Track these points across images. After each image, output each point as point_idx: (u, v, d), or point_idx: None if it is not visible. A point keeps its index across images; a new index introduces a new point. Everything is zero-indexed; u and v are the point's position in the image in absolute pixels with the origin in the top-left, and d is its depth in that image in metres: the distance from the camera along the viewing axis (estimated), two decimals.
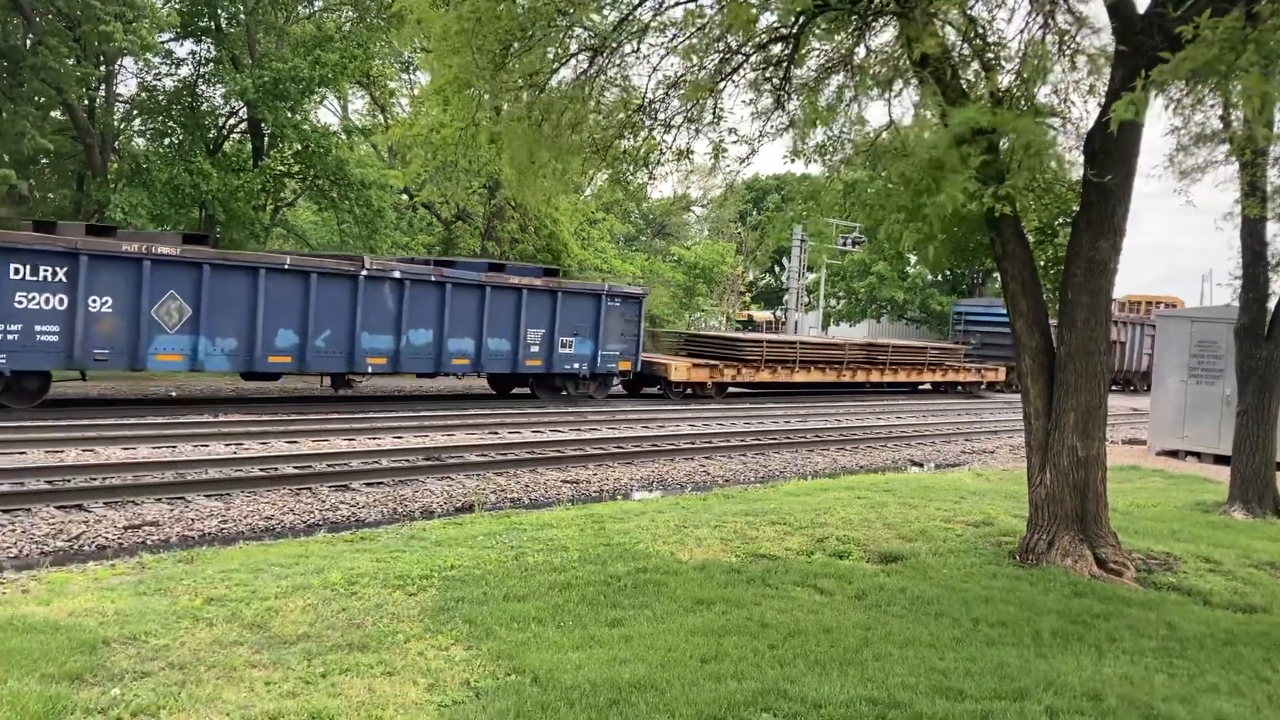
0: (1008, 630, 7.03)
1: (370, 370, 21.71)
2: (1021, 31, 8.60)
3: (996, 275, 10.52)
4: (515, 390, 26.54)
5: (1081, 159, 8.84)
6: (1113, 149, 8.47)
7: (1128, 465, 17.68)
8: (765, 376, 30.74)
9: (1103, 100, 8.66)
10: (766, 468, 17.30)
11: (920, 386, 38.11)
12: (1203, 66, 6.41)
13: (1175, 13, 6.80)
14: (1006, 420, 27.57)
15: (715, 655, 6.18)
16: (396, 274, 21.74)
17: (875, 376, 34.62)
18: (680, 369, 28.51)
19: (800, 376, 31.84)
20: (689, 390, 28.95)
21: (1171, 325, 20.69)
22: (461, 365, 23.39)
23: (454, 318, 22.73)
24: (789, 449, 19.36)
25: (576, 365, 25.37)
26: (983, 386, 39.43)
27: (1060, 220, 9.83)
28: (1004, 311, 34.15)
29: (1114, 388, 43.82)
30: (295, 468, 13.71)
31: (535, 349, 24.42)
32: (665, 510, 11.17)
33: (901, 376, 35.80)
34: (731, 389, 31.10)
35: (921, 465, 19.00)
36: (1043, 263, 9.88)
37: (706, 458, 17.49)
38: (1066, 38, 8.50)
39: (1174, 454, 19.71)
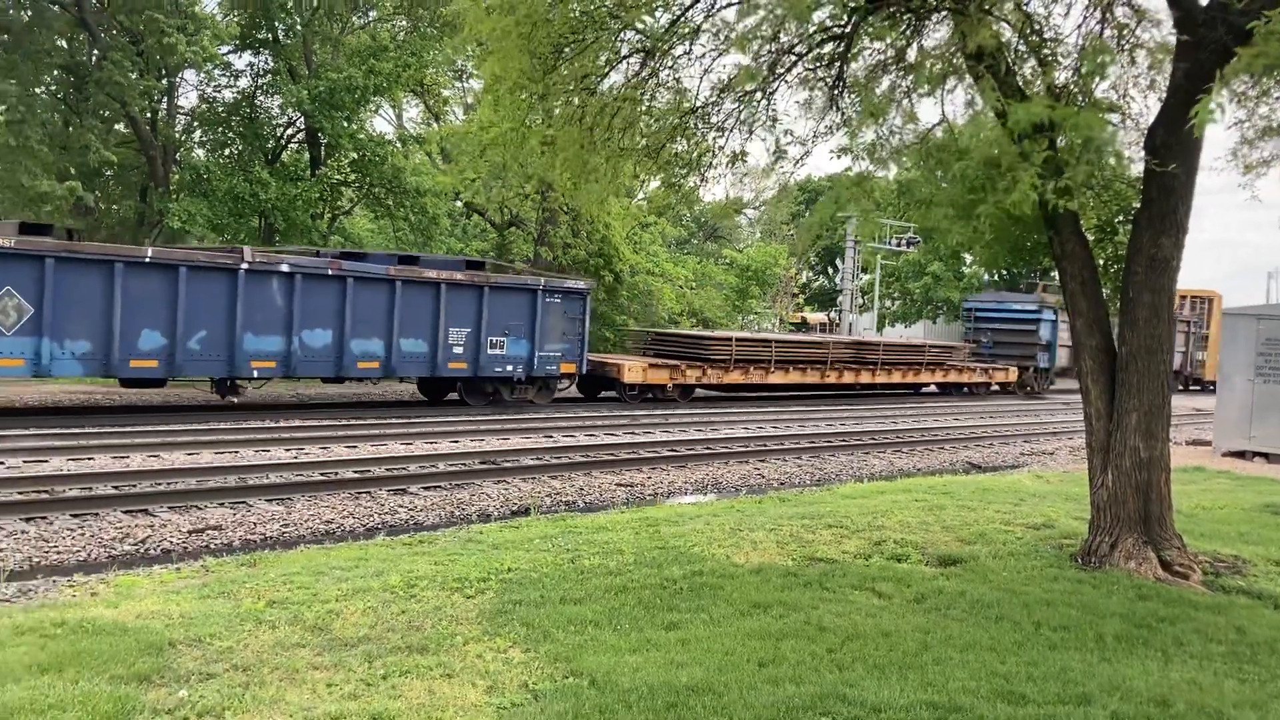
0: (1070, 634, 6.92)
1: (256, 375, 19.51)
2: (1079, 27, 8.48)
3: (1055, 274, 10.37)
4: (473, 397, 23.67)
5: (1141, 155, 8.69)
6: (1174, 144, 8.31)
7: (1192, 466, 17.32)
8: (735, 378, 28.31)
9: (1164, 95, 8.51)
10: (822, 470, 17.20)
11: (924, 388, 35.87)
12: (1275, 61, 6.27)
13: (1240, 4, 6.65)
14: (1066, 421, 27.16)
15: (773, 659, 6.16)
16: (284, 268, 19.51)
17: (865, 378, 32.18)
18: (634, 370, 25.99)
19: (777, 378, 29.45)
20: (649, 394, 26.56)
21: (1238, 323, 20.23)
22: (369, 369, 21.05)
23: (358, 316, 20.47)
24: (844, 451, 19.23)
25: (509, 368, 23.11)
26: (991, 388, 37.39)
27: (1120, 218, 9.68)
28: (1017, 308, 35.52)
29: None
30: (354, 472, 13.87)
31: (459, 350, 22.13)
32: (720, 514, 11.14)
33: (896, 378, 33.30)
34: (701, 392, 29.02)
35: (979, 467, 18.77)
36: (1102, 261, 9.73)
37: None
38: (1125, 32, 8.37)
39: (1240, 455, 19.27)
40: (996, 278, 53.36)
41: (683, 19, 8.68)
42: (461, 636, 6.47)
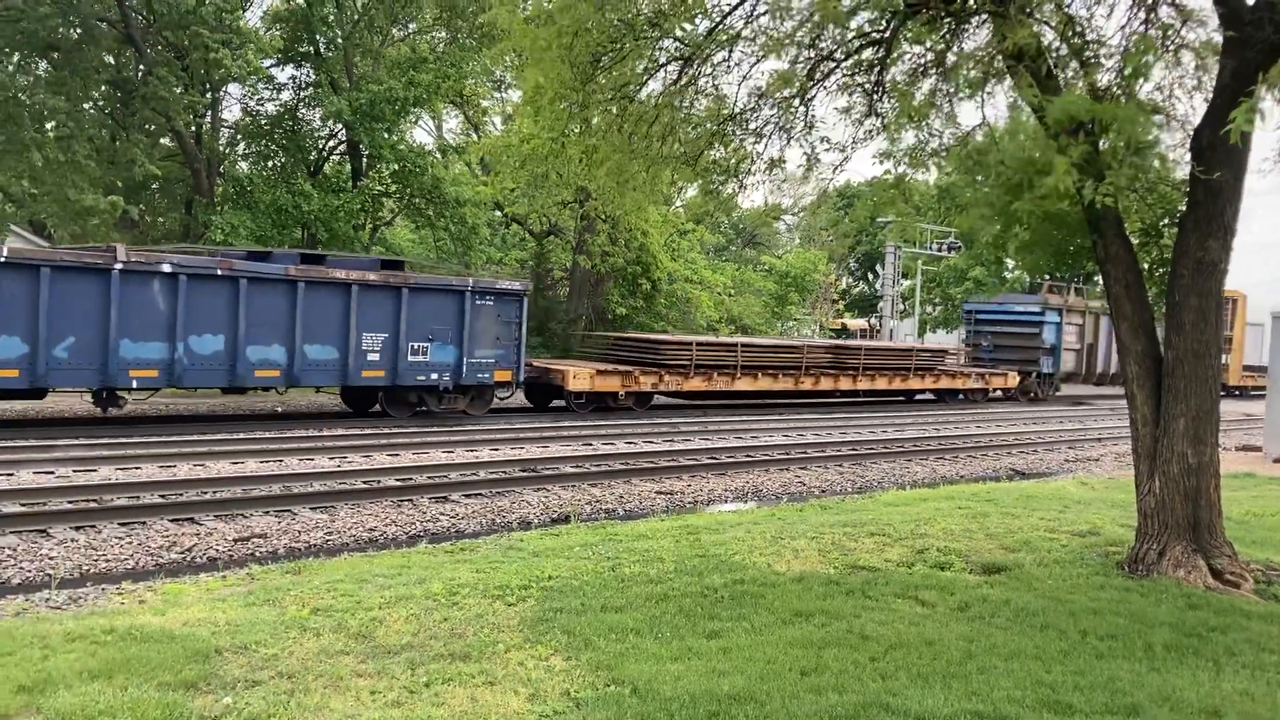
0: (1118, 643, 6.82)
1: (135, 385, 17.70)
2: (1122, 28, 8.38)
3: (1099, 278, 10.24)
4: (396, 407, 21.79)
5: (1187, 157, 8.57)
6: (1221, 146, 8.17)
7: (1242, 473, 17.02)
8: (697, 385, 26.07)
9: (1210, 96, 8.39)
10: (864, 478, 17.09)
11: (918, 395, 33.91)
12: None
13: None
14: (1111, 427, 26.81)
15: (815, 668, 6.12)
16: (166, 268, 17.73)
17: (844, 384, 29.72)
18: (580, 377, 24.00)
19: (745, 384, 27.27)
20: (601, 404, 24.63)
21: None
22: (269, 378, 19.29)
23: (255, 320, 18.71)
24: (886, 459, 19.09)
25: (434, 376, 21.19)
26: (990, 394, 35.22)
27: (1165, 221, 9.54)
28: (1018, 310, 34.68)
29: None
30: (397, 480, 13.98)
31: (375, 358, 20.30)
32: (761, 521, 11.10)
33: (880, 384, 30.92)
34: (663, 399, 26.98)
35: (1023, 474, 18.56)
36: (1147, 265, 9.60)
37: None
38: (1170, 32, 8.26)
39: None
40: (1039, 282, 52.88)
41: (721, 26, 8.68)
42: (503, 644, 6.49)
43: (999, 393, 35.94)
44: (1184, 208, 8.76)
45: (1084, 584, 8.41)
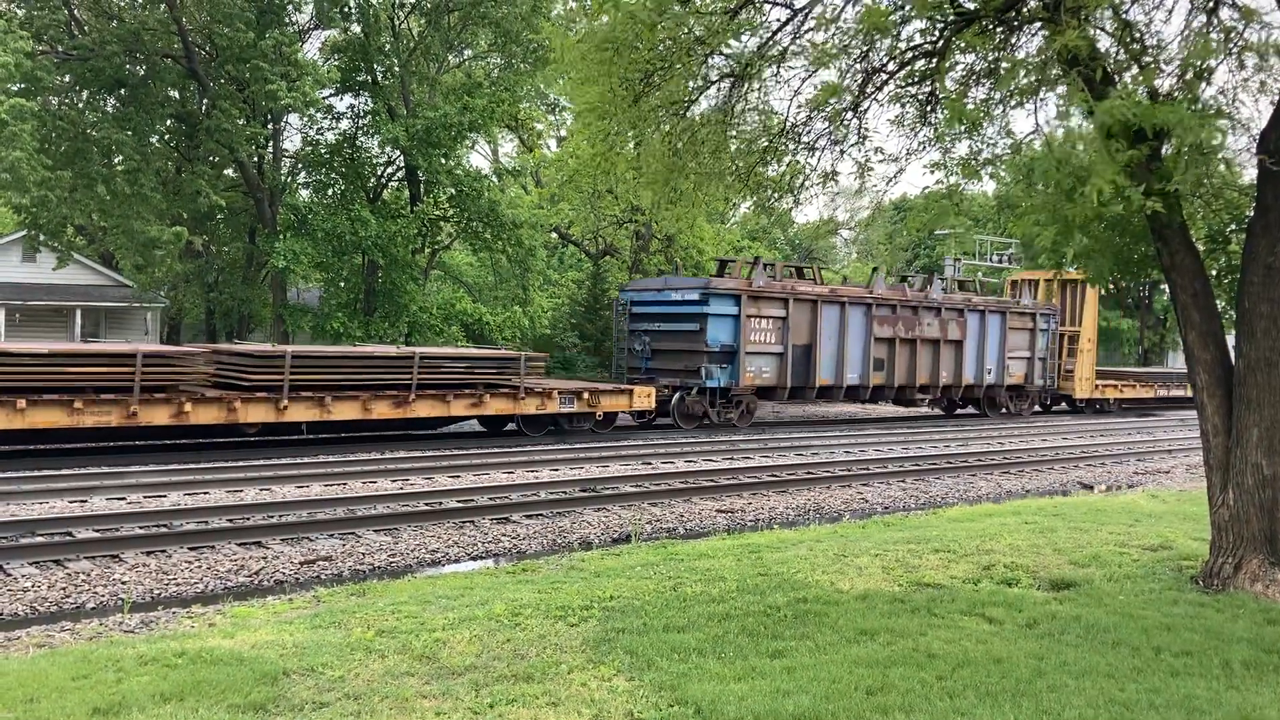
0: (1193, 660, 6.65)
1: None
2: (1182, 32, 8.23)
3: (1164, 287, 10.05)
4: None
5: (1254, 160, 8.38)
6: None
7: None
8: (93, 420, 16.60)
9: (1276, 98, 8.21)
10: (928, 493, 16.87)
11: (464, 421, 23.13)
12: None
13: None
14: (1182, 439, 26.22)
15: (881, 687, 6.04)
16: None
17: (387, 411, 19.88)
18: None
19: (203, 416, 17.74)
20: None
21: None
22: None
23: None
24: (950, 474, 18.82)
25: None
26: (600, 419, 23.10)
27: (1233, 226, 9.34)
28: (676, 297, 25.64)
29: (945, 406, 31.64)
30: (458, 501, 14.07)
31: None
32: (823, 539, 11.01)
33: (427, 410, 20.38)
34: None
35: (1091, 488, 18.21)
36: (1215, 272, 9.39)
37: None
38: (1233, 34, 8.09)
39: None
40: (1103, 293, 51.89)
41: (771, 41, 8.68)
42: (566, 665, 6.49)
43: (635, 416, 25.29)
44: (1252, 212, 8.56)
45: (1156, 599, 8.22)
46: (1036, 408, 34.65)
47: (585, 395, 22.74)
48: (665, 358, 26.06)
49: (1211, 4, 8.13)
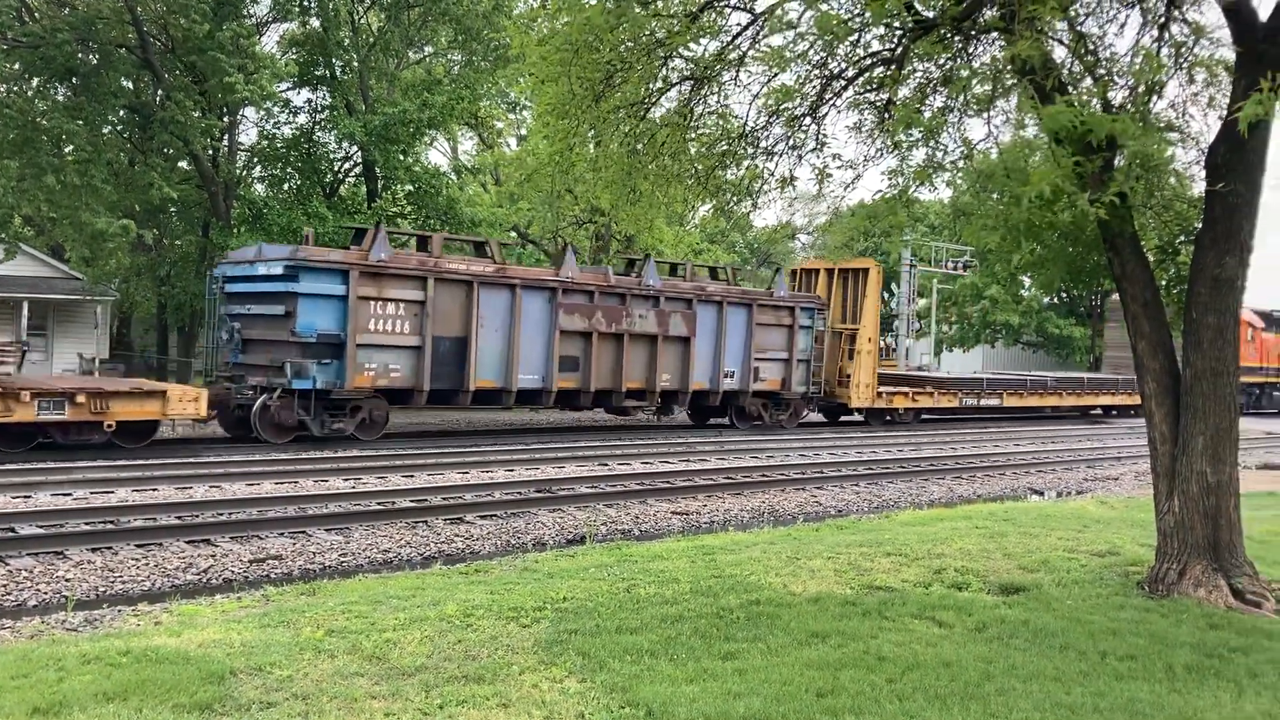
0: (1138, 664, 6.75)
1: None
2: (1134, 45, 8.37)
3: (1116, 297, 10.20)
4: None
5: (1202, 174, 8.54)
6: (1237, 162, 8.17)
7: (1263, 491, 16.87)
8: None
9: (1224, 113, 8.36)
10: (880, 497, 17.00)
11: None
12: None
13: None
14: (1131, 446, 26.64)
15: (831, 689, 6.07)
16: None
17: None
18: None
19: None
20: None
21: None
22: None
23: None
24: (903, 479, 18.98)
25: None
26: (109, 428, 17.75)
27: (1182, 238, 9.50)
28: (262, 272, 20.24)
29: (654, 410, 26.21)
30: (411, 501, 13.98)
31: None
32: (777, 541, 11.05)
33: None
34: None
35: (1042, 493, 18.45)
36: (1164, 282, 9.55)
37: None
38: (1183, 49, 8.24)
39: None
40: (1056, 301, 52.68)
41: (731, 45, 8.70)
42: (518, 666, 6.46)
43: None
44: (1200, 225, 8.72)
45: (1103, 604, 8.33)
46: (809, 416, 30.00)
47: (82, 398, 17.37)
48: (255, 350, 20.46)
49: (1163, 20, 8.28)
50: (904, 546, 10.48)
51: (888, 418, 30.98)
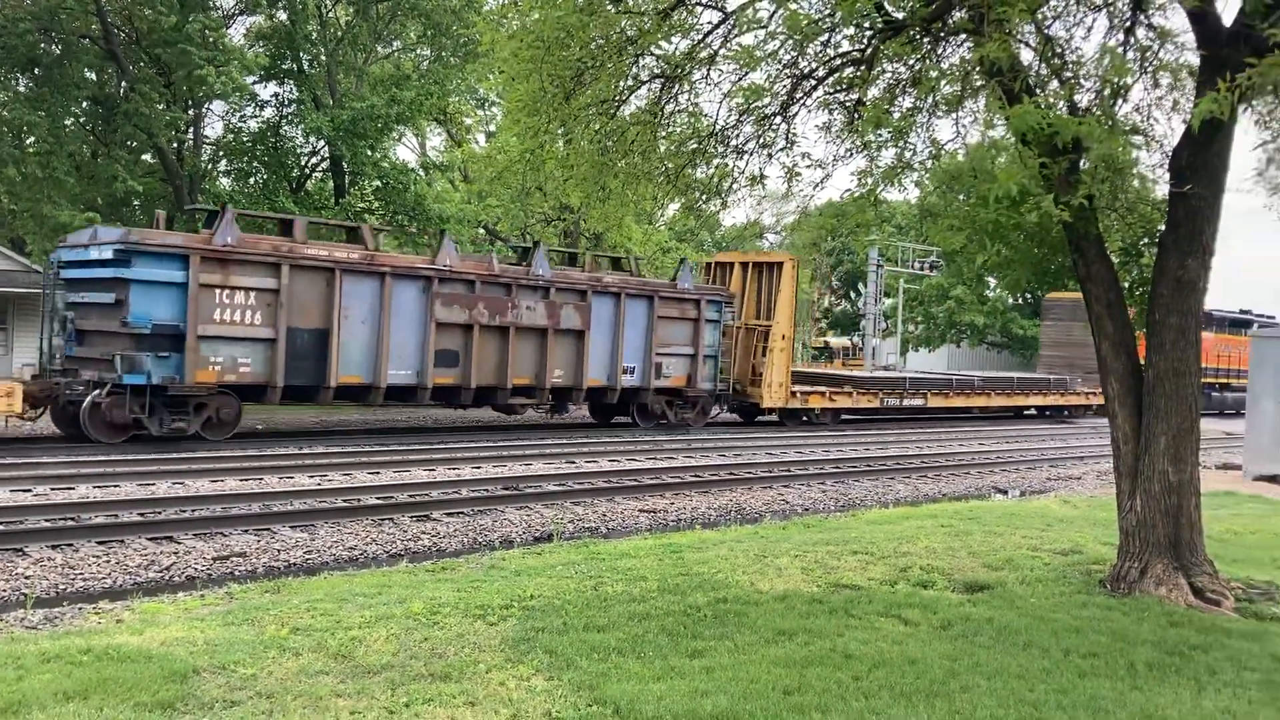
0: (1100, 661, 6.82)
1: None
2: (1101, 49, 8.45)
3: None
4: None
5: (1167, 177, 8.64)
6: (1200, 166, 8.27)
7: (1223, 491, 17.11)
8: None
9: (1188, 117, 8.46)
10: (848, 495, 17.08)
11: None
12: None
13: (1263, 25, 6.61)
14: (1092, 445, 26.93)
15: (798, 687, 6.10)
16: None
17: None
18: None
19: None
20: None
21: (1266, 346, 20.04)
22: None
23: None
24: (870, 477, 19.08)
25: None
26: None
27: (1145, 240, 9.61)
28: (104, 257, 18.09)
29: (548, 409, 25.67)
30: (378, 498, 13.90)
31: None
32: (744, 540, 11.08)
33: None
34: None
35: (1006, 492, 18.62)
36: (1128, 284, 9.66)
37: None
38: (1148, 53, 8.34)
39: (1272, 479, 19.01)
40: (1020, 301, 53.17)
41: (702, 44, 8.71)
42: (484, 664, 6.44)
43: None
44: (1163, 227, 8.82)
45: (1066, 602, 8.42)
46: (719, 415, 28.65)
47: None
48: (91, 341, 18.88)
49: (1129, 23, 8.37)
50: (870, 545, 10.54)
51: (804, 418, 29.55)
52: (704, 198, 9.95)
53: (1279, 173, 8.92)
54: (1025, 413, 38.47)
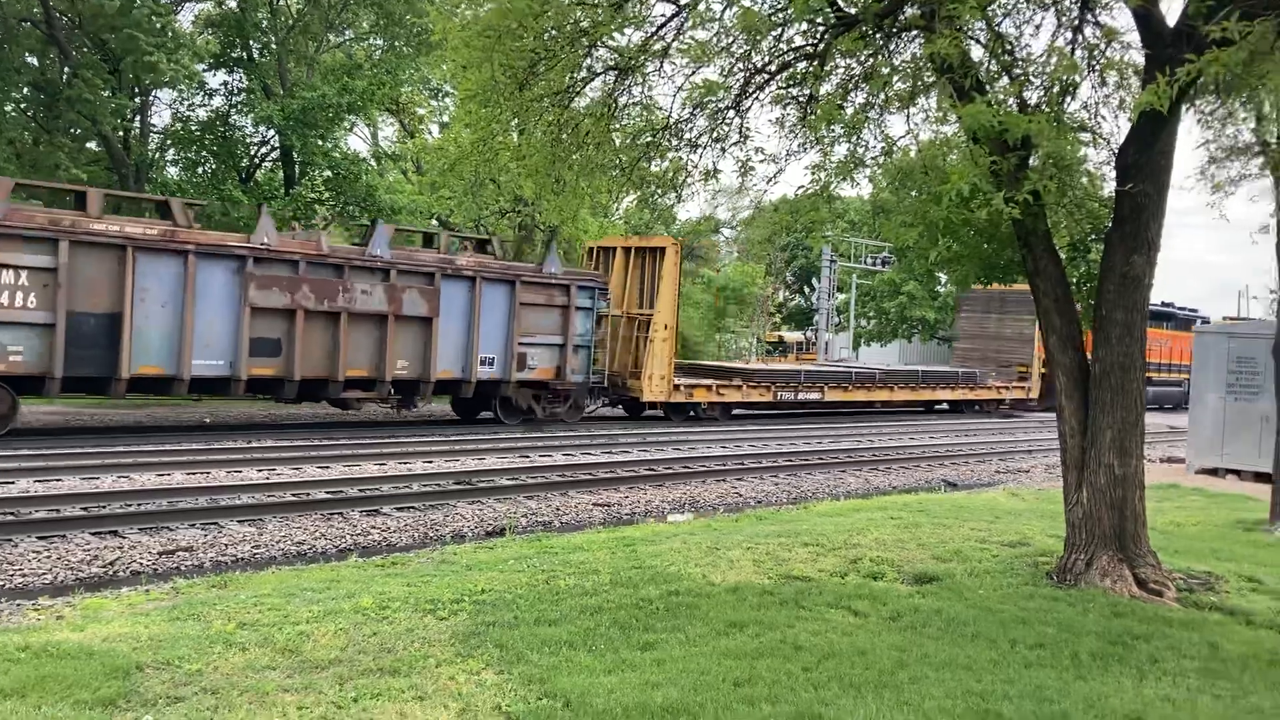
0: (1046, 652, 6.92)
1: None
2: (1050, 47, 8.55)
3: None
4: None
5: (1113, 174, 8.76)
6: (1145, 163, 8.39)
7: (1166, 483, 17.43)
8: None
9: (1133, 116, 8.58)
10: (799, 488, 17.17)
11: None
12: (1233, 70, 6.34)
13: (1206, 26, 6.72)
14: (1040, 439, 27.31)
15: (749, 678, 6.11)
16: None
17: None
18: None
19: None
20: None
21: (1209, 341, 20.42)
22: None
23: None
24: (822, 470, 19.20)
25: None
26: None
27: (1093, 236, 9.75)
28: None
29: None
30: (327, 493, 13.75)
31: None
32: (697, 532, 11.10)
33: None
34: None
35: (955, 485, 18.82)
36: (1075, 279, 9.79)
37: None
38: (1096, 52, 8.44)
39: (1213, 472, 19.40)
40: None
41: (655, 36, 8.69)
42: (434, 659, 6.39)
43: None
44: (1110, 224, 8.94)
45: (1014, 594, 8.52)
46: (596, 410, 27.38)
47: None
48: None
49: (1077, 22, 8.47)
50: (821, 537, 10.60)
51: (691, 413, 28.18)
52: (659, 191, 9.93)
53: (1219, 171, 9.09)
54: (937, 408, 37.71)
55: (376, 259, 21.24)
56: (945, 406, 38.00)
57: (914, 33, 8.23)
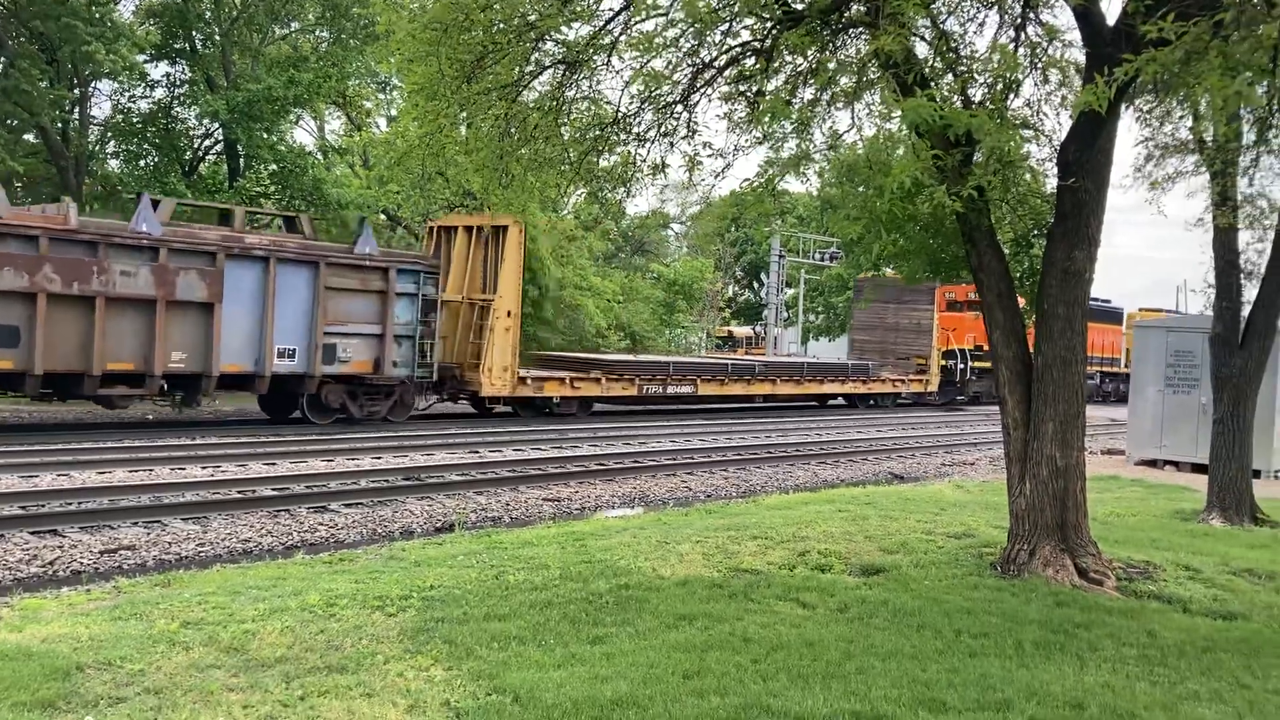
0: (990, 641, 7.02)
1: None
2: (993, 44, 8.66)
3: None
4: None
5: (1055, 171, 8.90)
6: (1086, 160, 8.53)
7: (1107, 475, 17.76)
8: None
9: (1074, 113, 8.72)
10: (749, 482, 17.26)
11: None
12: (1170, 69, 6.47)
13: (1143, 25, 6.85)
14: (985, 432, 27.69)
15: (698, 671, 6.14)
16: None
17: None
18: None
19: None
20: None
21: (1149, 335, 20.83)
22: None
23: None
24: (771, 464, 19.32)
25: None
26: None
27: (1035, 232, 9.89)
28: None
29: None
30: (273, 490, 13.60)
31: None
32: (647, 526, 11.13)
33: None
34: None
35: (902, 478, 19.03)
36: (1018, 274, 9.93)
37: None
38: (1038, 50, 8.56)
39: (1153, 463, 19.80)
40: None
41: (603, 29, 8.68)
42: (382, 655, 6.35)
43: None
44: (1052, 219, 9.08)
45: (959, 584, 8.64)
46: (428, 406, 25.48)
47: None
48: None
49: (1019, 20, 8.58)
50: (770, 530, 10.67)
51: (545, 409, 26.00)
52: (608, 185, 9.93)
53: (1156, 169, 9.26)
54: (830, 402, 36.47)
55: (142, 236, 18.26)
56: (842, 401, 36.55)
57: (860, 30, 8.29)
